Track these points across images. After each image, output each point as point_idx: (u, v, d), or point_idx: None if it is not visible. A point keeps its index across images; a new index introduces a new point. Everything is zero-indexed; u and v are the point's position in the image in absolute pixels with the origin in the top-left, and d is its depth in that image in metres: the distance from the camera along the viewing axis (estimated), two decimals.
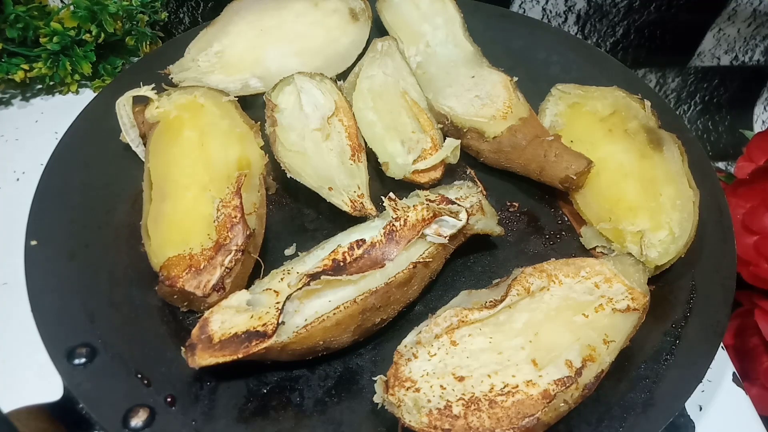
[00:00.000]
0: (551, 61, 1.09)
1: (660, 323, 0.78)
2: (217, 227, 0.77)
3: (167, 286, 0.73)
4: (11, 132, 1.01)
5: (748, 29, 1.43)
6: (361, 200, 0.85)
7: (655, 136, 0.91)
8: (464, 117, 0.93)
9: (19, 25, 1.01)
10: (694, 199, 0.84)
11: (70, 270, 0.76)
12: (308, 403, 0.71)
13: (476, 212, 0.83)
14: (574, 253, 0.87)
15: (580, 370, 0.66)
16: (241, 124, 0.88)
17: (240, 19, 1.02)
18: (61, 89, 1.07)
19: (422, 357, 0.68)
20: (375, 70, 0.98)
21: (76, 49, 1.04)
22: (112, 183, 0.86)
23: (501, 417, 0.63)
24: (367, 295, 0.70)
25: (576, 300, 0.73)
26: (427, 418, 0.63)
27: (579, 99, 0.98)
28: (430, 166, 0.89)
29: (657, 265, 0.80)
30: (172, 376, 0.70)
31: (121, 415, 0.65)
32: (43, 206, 0.80)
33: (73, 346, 0.69)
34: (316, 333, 0.68)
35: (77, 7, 1.03)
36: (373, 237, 0.76)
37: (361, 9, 1.06)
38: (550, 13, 1.36)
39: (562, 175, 0.88)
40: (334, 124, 0.91)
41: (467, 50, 1.03)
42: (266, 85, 0.96)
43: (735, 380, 0.84)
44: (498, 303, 0.72)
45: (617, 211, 0.86)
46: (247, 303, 0.72)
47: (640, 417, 0.70)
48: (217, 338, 0.68)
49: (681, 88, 1.54)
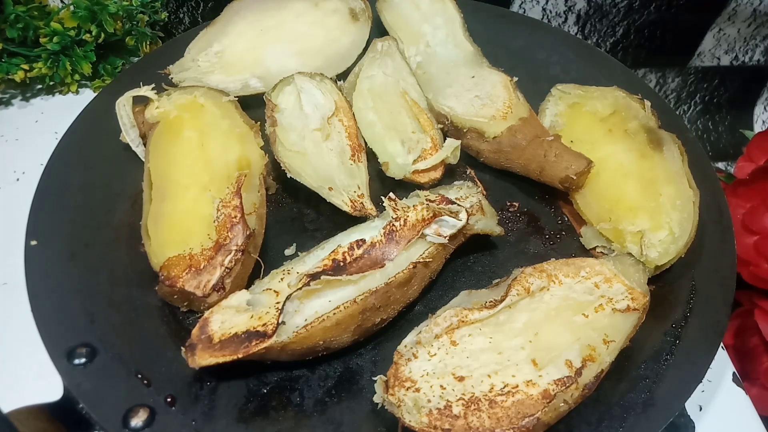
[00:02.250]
0: (551, 61, 1.09)
1: (660, 323, 0.78)
2: (217, 227, 0.77)
3: (167, 286, 0.73)
4: (11, 132, 1.01)
5: (748, 29, 1.43)
6: (361, 200, 0.85)
7: (655, 136, 0.91)
8: (464, 117, 0.93)
9: (19, 25, 1.01)
10: (694, 199, 0.84)
11: (70, 270, 0.76)
12: (308, 403, 0.71)
13: (476, 212, 0.83)
14: (574, 253, 0.87)
15: (580, 370, 0.66)
16: (241, 124, 0.88)
17: (240, 19, 1.01)
18: (61, 89, 1.07)
19: (422, 357, 0.68)
20: (375, 70, 0.98)
21: (76, 49, 1.04)
22: (112, 183, 0.86)
23: (501, 417, 0.63)
24: (367, 295, 0.70)
25: (576, 300, 0.73)
26: (427, 418, 0.63)
27: (579, 99, 0.98)
28: (430, 166, 0.89)
29: (657, 265, 0.80)
30: (172, 376, 0.70)
31: (121, 415, 0.65)
32: (43, 206, 0.80)
33: (73, 346, 0.69)
34: (316, 333, 0.68)
35: (77, 7, 1.03)
36: (373, 237, 0.76)
37: (361, 9, 1.06)
38: (550, 13, 1.36)
39: (562, 175, 0.88)
40: (334, 124, 0.91)
41: (467, 50, 1.03)
42: (266, 85, 0.96)
43: (735, 380, 0.84)
44: (498, 303, 0.72)
45: (617, 211, 0.86)
46: (247, 303, 0.72)
47: (640, 417, 0.70)
48: (217, 338, 0.68)
49: (681, 88, 1.54)
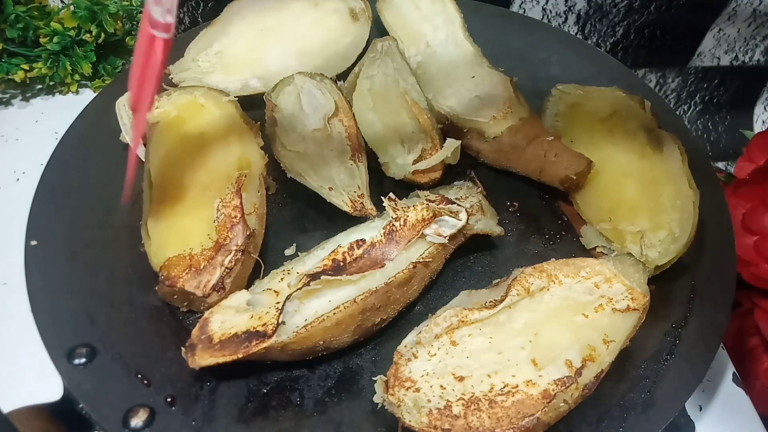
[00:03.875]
0: (551, 61, 1.09)
1: (660, 323, 0.78)
2: (217, 227, 0.77)
3: (167, 286, 0.73)
4: (11, 132, 1.01)
5: (748, 29, 1.43)
6: (361, 200, 0.85)
7: (655, 136, 0.91)
8: (464, 117, 0.93)
9: (19, 25, 1.01)
10: (694, 199, 0.84)
11: (70, 270, 0.76)
12: (308, 403, 0.71)
13: (476, 212, 0.83)
14: (574, 253, 0.87)
15: (580, 370, 0.66)
16: (241, 124, 0.88)
17: (240, 19, 1.01)
18: (61, 89, 1.07)
19: (422, 357, 0.68)
20: (375, 70, 0.98)
21: (76, 49, 1.04)
22: (112, 183, 0.85)
23: (501, 417, 0.63)
24: (367, 295, 0.70)
25: (576, 300, 0.73)
26: (427, 418, 0.63)
27: (579, 99, 0.98)
28: (430, 166, 0.89)
29: (657, 265, 0.80)
30: (172, 376, 0.70)
31: (121, 415, 0.65)
32: (43, 206, 0.80)
33: (73, 346, 0.69)
34: (316, 333, 0.68)
35: (77, 7, 1.03)
36: (373, 237, 0.76)
37: (361, 9, 1.06)
38: (550, 13, 1.36)
39: (562, 175, 0.88)
40: (334, 124, 0.91)
41: (467, 50, 1.03)
42: (266, 85, 0.96)
43: (735, 380, 0.84)
44: (498, 303, 0.72)
45: (617, 211, 0.86)
46: (247, 303, 0.72)
47: (640, 417, 0.70)
48: (217, 338, 0.68)
49: (681, 88, 1.54)
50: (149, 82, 0.68)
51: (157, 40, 0.65)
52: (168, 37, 0.65)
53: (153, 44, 0.66)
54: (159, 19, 0.64)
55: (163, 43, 0.65)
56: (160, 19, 0.64)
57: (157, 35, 0.65)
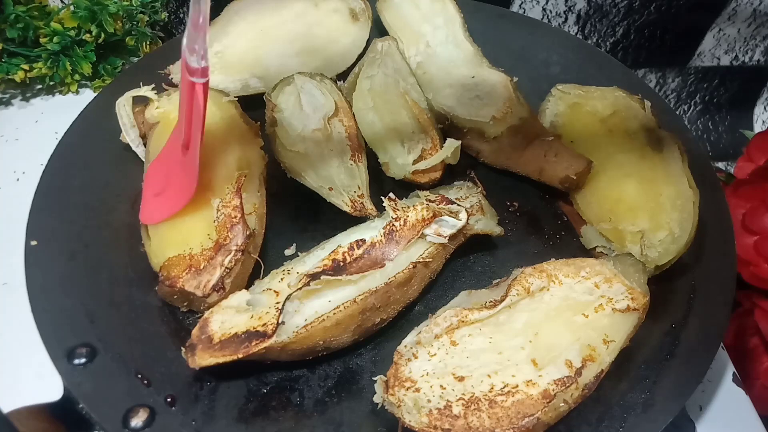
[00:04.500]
0: (551, 61, 1.09)
1: (660, 323, 0.78)
2: (217, 227, 0.77)
3: (167, 286, 0.73)
4: (11, 132, 1.01)
5: (748, 29, 1.43)
6: (361, 200, 0.85)
7: (655, 136, 0.91)
8: (464, 117, 0.93)
9: (19, 25, 1.01)
10: (694, 199, 0.84)
11: (70, 270, 0.76)
12: (308, 403, 0.71)
13: (476, 212, 0.83)
14: (574, 253, 0.87)
15: (580, 370, 0.66)
16: (241, 124, 0.88)
17: (240, 19, 1.01)
18: (61, 89, 1.07)
19: (422, 357, 0.68)
20: (375, 70, 0.98)
21: (76, 49, 1.04)
22: (112, 183, 0.85)
23: (501, 417, 0.63)
24: (367, 295, 0.70)
25: (576, 300, 0.72)
26: (427, 418, 0.63)
27: (579, 99, 0.98)
28: (430, 166, 0.89)
29: (657, 265, 0.80)
30: (172, 376, 0.70)
31: (121, 415, 0.65)
32: (43, 206, 0.80)
33: (73, 346, 0.69)
34: (316, 333, 0.68)
35: (77, 7, 1.03)
36: (373, 237, 0.76)
37: (361, 9, 1.06)
38: (550, 13, 1.36)
39: (562, 175, 0.88)
40: (334, 124, 0.91)
41: (467, 50, 1.03)
42: (266, 85, 0.96)
43: (735, 380, 0.84)
44: (498, 303, 0.72)
45: (617, 211, 0.86)
46: (247, 303, 0.72)
47: (640, 417, 0.70)
48: (217, 338, 0.68)
49: (681, 88, 1.54)
50: (196, 125, 0.71)
51: (197, 86, 0.68)
52: (206, 81, 0.68)
53: (194, 90, 0.68)
54: (195, 66, 0.67)
55: (203, 87, 0.68)
56: (196, 65, 0.67)
57: (197, 82, 0.68)
